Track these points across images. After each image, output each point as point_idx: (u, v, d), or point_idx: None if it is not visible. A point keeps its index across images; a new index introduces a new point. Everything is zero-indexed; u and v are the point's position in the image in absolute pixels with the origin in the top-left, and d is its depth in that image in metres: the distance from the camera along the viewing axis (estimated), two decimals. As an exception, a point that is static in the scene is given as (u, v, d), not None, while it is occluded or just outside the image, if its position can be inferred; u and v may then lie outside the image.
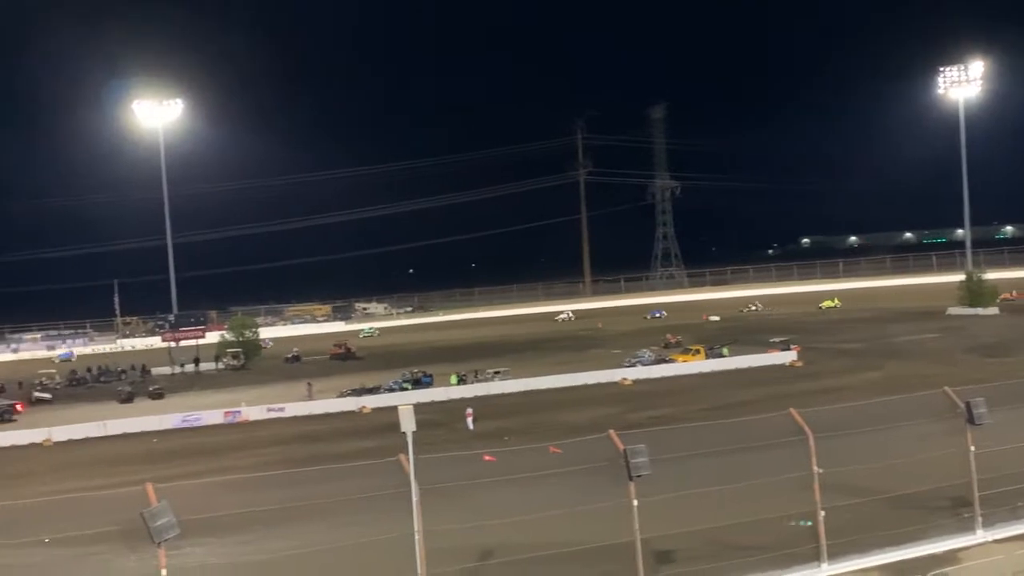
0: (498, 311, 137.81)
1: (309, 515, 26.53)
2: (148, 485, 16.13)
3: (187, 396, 70.22)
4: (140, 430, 55.25)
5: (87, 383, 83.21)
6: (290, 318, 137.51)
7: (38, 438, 53.60)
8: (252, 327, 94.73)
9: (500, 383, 64.43)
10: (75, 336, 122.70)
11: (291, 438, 50.14)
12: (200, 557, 23.06)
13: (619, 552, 18.27)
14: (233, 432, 54.09)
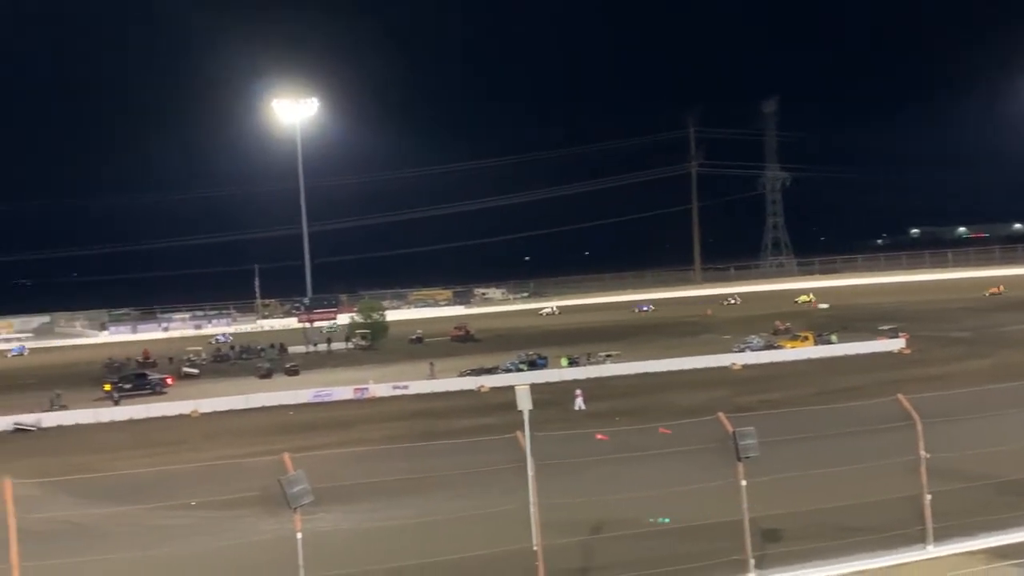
0: (610, 297, 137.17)
1: (432, 486, 26.87)
2: (285, 455, 16.47)
3: (320, 373, 71.65)
4: (277, 404, 56.64)
5: (230, 360, 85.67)
6: (414, 302, 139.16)
7: (186, 410, 55.32)
8: (379, 310, 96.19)
9: (612, 366, 64.15)
10: (219, 316, 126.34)
11: (414, 414, 50.74)
12: (332, 523, 23.50)
13: (726, 530, 17.96)
14: (361, 407, 55.00)
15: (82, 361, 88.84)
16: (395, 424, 47.64)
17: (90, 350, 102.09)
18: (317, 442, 40.67)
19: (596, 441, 31.28)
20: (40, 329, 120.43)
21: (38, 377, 75.90)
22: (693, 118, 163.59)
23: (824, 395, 46.94)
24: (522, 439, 17.36)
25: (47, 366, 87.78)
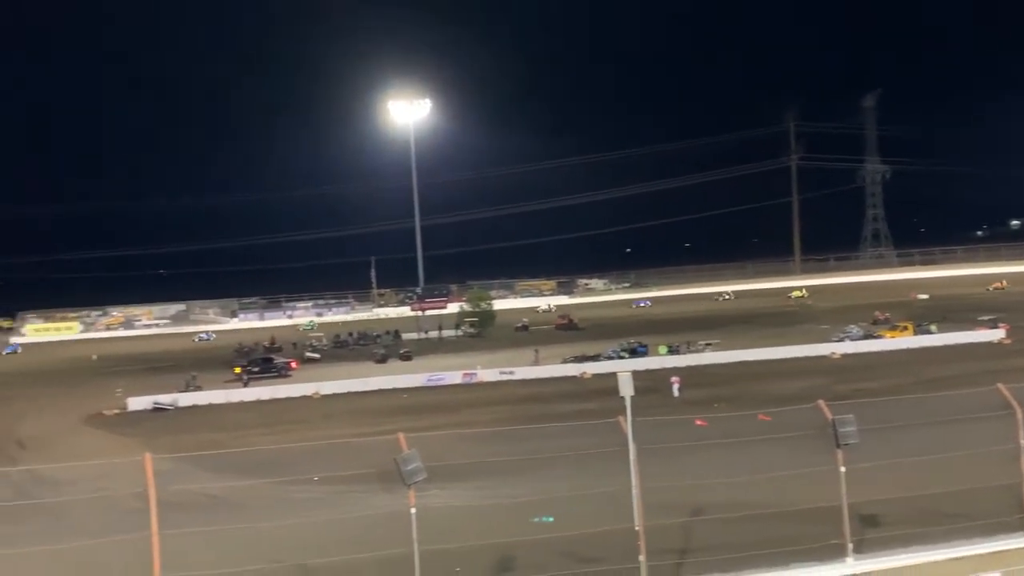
0: (710, 287, 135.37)
1: (537, 467, 26.96)
2: (400, 435, 16.70)
3: (432, 359, 72.54)
4: (392, 387, 57.55)
5: (349, 346, 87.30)
6: (520, 292, 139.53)
7: (309, 391, 56.63)
8: (487, 299, 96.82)
9: (710, 354, 63.42)
10: (339, 305, 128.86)
11: (520, 399, 50.97)
12: (443, 499, 23.78)
13: (825, 515, 17.60)
14: (470, 391, 55.51)
15: (215, 346, 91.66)
16: (502, 408, 47.93)
17: (222, 336, 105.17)
18: (429, 423, 41.22)
19: (696, 427, 30.93)
20: (176, 316, 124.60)
21: (174, 360, 78.59)
22: (793, 113, 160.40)
23: (923, 384, 45.67)
24: (624, 424, 17.28)
25: (183, 351, 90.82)
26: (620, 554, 17.89)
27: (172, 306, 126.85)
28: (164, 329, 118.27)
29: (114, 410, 52.88)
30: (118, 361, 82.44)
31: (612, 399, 19.62)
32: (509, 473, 26.71)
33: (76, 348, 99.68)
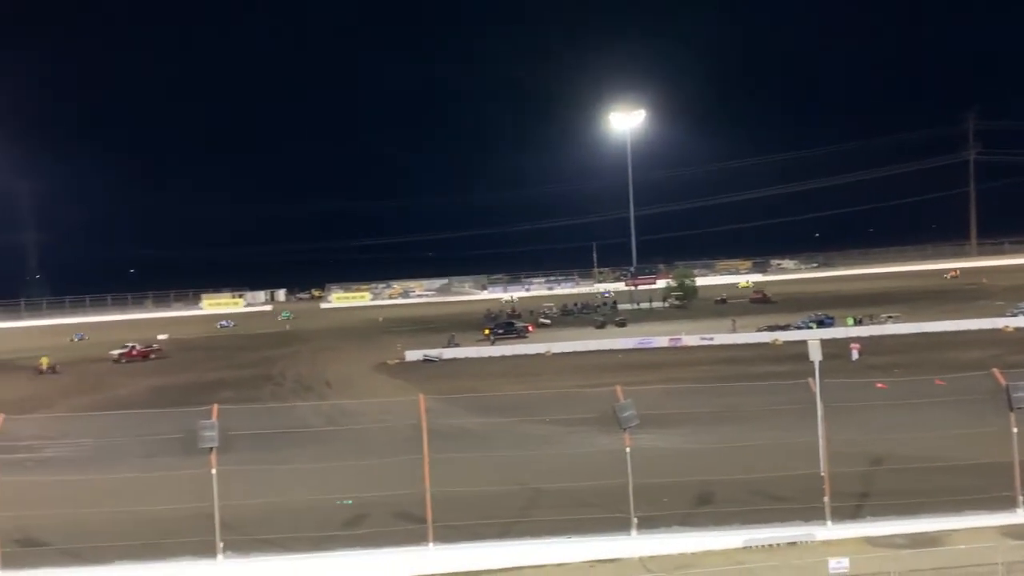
0: (892, 267, 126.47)
1: (732, 419, 26.18)
2: (617, 387, 16.63)
3: (642, 326, 71.95)
4: (609, 348, 57.61)
5: (574, 313, 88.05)
6: (719, 270, 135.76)
7: (542, 350, 57.55)
8: (691, 276, 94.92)
9: (892, 326, 59.28)
10: (566, 280, 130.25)
11: (718, 360, 49.67)
12: (652, 442, 23.53)
13: (995, 470, 16.20)
14: (675, 353, 54.65)
15: (469, 312, 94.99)
16: (702, 368, 46.89)
17: (474, 304, 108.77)
18: (640, 379, 40.88)
19: (876, 389, 29.03)
20: (441, 288, 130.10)
21: (440, 322, 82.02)
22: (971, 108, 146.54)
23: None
24: (813, 384, 16.59)
25: (446, 315, 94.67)
26: (806, 495, 17.22)
27: (438, 281, 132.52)
28: (431, 298, 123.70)
29: (394, 360, 55.72)
30: (398, 322, 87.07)
31: (800, 363, 18.78)
32: (709, 423, 26.10)
33: (367, 312, 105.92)
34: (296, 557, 17.28)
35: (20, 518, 18.57)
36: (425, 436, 17.50)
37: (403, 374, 50.03)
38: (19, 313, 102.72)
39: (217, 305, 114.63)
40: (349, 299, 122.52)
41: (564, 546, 16.87)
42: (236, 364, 57.90)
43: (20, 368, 58.93)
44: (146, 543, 17.32)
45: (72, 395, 46.13)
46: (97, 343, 73.82)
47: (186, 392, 43.90)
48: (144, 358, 62.03)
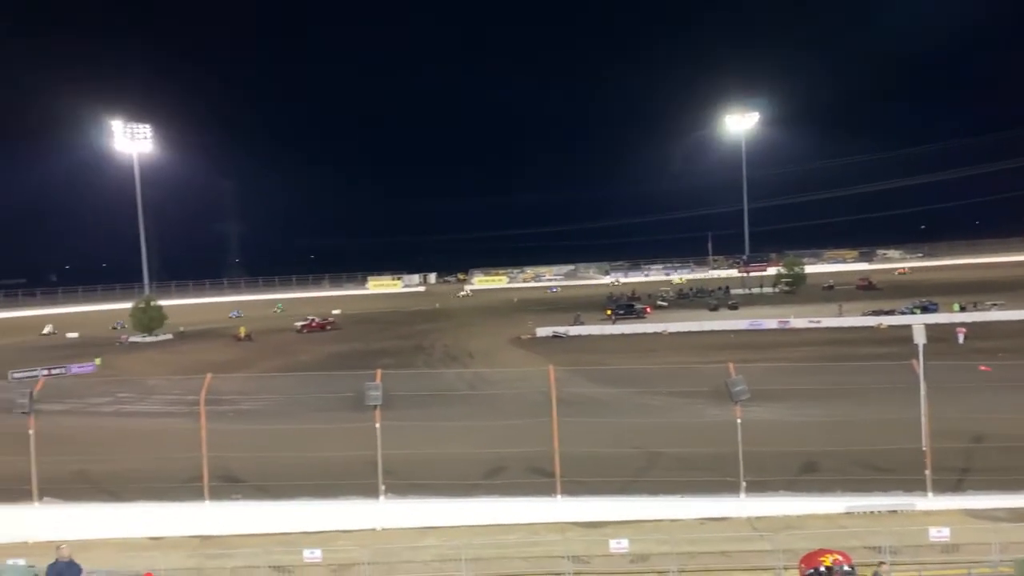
0: (997, 257, 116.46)
1: (837, 396, 24.98)
2: (730, 364, 16.20)
3: (753, 309, 69.58)
4: (721, 329, 56.02)
5: (689, 297, 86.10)
6: (827, 259, 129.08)
7: (659, 329, 56.73)
8: (800, 264, 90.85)
9: (996, 312, 54.77)
10: (682, 267, 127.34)
11: (825, 342, 47.40)
12: (760, 415, 22.83)
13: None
14: (783, 335, 52.56)
15: (592, 295, 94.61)
16: (809, 348, 44.88)
17: (598, 288, 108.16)
18: (750, 357, 39.60)
19: (980, 372, 26.91)
20: (568, 273, 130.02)
21: (567, 303, 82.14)
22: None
23: None
24: (916, 365, 15.61)
25: (572, 297, 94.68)
26: (908, 468, 16.29)
27: (566, 266, 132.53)
28: (560, 282, 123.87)
29: (527, 335, 56.32)
30: (530, 303, 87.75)
31: (904, 346, 17.72)
32: (815, 398, 25.01)
33: (504, 293, 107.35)
34: (444, 500, 17.87)
35: (223, 459, 20.03)
36: (554, 402, 17.66)
37: (534, 348, 50.47)
38: (222, 290, 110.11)
39: (380, 285, 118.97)
40: (488, 282, 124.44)
41: (678, 504, 16.66)
42: (394, 336, 60.04)
43: (223, 336, 63.26)
44: (321, 483, 18.32)
45: (264, 359, 49.12)
46: (285, 316, 78.23)
47: (354, 358, 45.95)
48: (321, 329, 65.29)
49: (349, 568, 15.04)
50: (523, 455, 19.86)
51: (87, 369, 47.14)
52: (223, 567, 15.11)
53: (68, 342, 63.34)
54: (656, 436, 22.24)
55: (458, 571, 14.19)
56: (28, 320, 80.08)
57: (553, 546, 15.41)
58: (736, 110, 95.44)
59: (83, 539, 15.01)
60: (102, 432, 28.19)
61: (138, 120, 79.47)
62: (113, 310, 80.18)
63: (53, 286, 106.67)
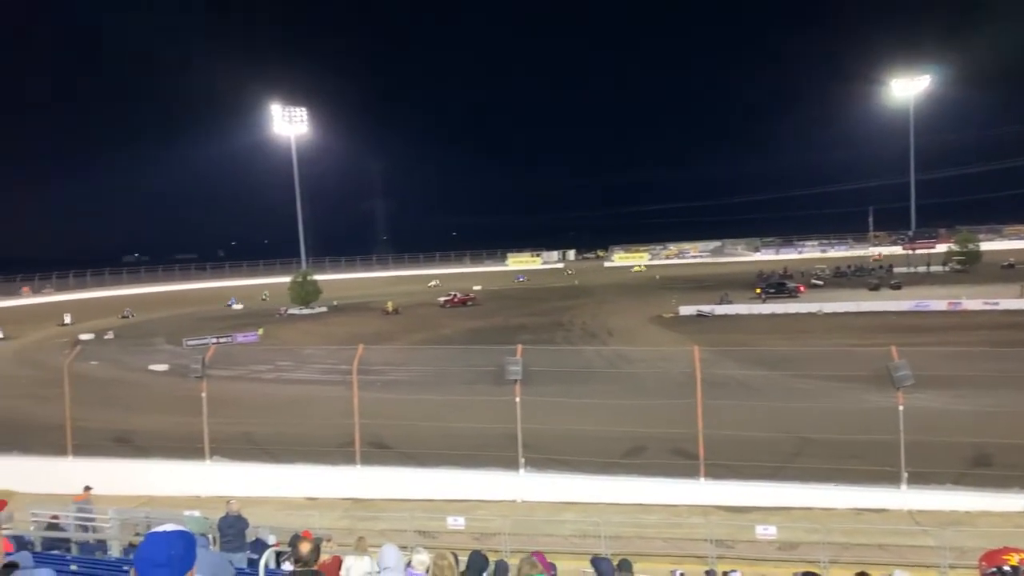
0: None
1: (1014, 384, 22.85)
2: (893, 347, 15.23)
3: (919, 289, 64.63)
4: (882, 310, 52.52)
5: (847, 276, 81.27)
6: (1008, 235, 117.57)
7: (813, 309, 53.99)
8: (974, 241, 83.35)
9: None
10: (840, 244, 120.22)
11: (1002, 325, 43.25)
12: (924, 402, 21.33)
13: None
14: (953, 317, 48.48)
15: (740, 272, 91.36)
16: (983, 332, 41.14)
17: (746, 265, 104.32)
18: (914, 340, 36.89)
19: None
20: (714, 250, 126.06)
21: (713, 281, 79.79)
22: None
23: None
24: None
25: (718, 275, 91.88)
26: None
27: (712, 243, 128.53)
28: (705, 259, 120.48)
29: (669, 314, 55.31)
30: (672, 280, 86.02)
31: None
32: (989, 387, 22.99)
33: (645, 271, 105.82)
34: (583, 476, 18.01)
35: (372, 426, 21.16)
36: (699, 382, 17.30)
37: (676, 327, 49.48)
38: (371, 266, 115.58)
39: (520, 262, 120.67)
40: (629, 259, 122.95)
41: (832, 492, 15.93)
42: (533, 312, 60.75)
43: (372, 309, 66.50)
44: (463, 453, 18.97)
45: (409, 332, 51.22)
46: (435, 291, 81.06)
47: (494, 333, 46.96)
48: (463, 304, 67.20)
49: (490, 537, 15.50)
50: (664, 435, 19.61)
51: (251, 338, 51.05)
52: (372, 529, 16.00)
53: (234, 313, 68.78)
54: (807, 421, 21.27)
55: (597, 547, 14.28)
56: (200, 292, 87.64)
57: (695, 529, 15.19)
58: (903, 73, 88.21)
59: (247, 496, 16.37)
60: (264, 397, 30.52)
61: (295, 104, 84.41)
62: (273, 283, 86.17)
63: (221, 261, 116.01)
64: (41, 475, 20.84)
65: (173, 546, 2.45)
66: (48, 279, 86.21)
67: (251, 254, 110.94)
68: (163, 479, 20.21)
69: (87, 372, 34.85)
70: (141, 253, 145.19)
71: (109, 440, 23.83)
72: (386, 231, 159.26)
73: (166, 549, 2.43)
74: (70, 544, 15.44)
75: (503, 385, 19.01)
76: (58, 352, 42.54)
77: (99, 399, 28.86)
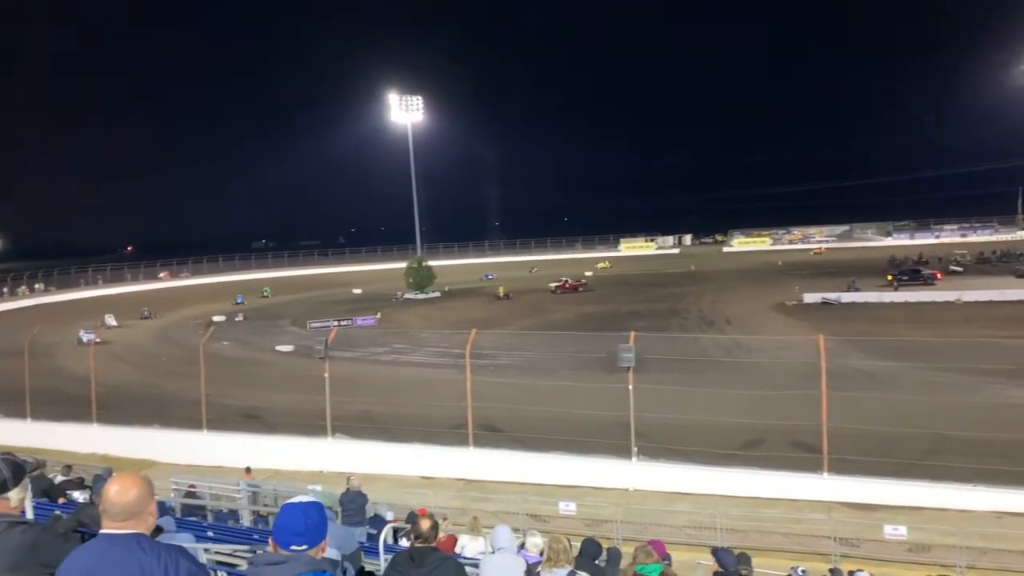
0: None
1: None
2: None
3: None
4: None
5: (991, 262, 75.59)
6: None
7: (951, 298, 50.58)
8: None
9: None
10: (983, 228, 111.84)
11: None
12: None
13: None
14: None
15: (870, 258, 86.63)
16: None
17: (877, 251, 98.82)
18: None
19: None
20: (841, 235, 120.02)
21: (839, 267, 76.09)
22: None
23: None
24: None
25: (845, 260, 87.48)
26: None
27: (839, 227, 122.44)
28: (832, 244, 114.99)
29: (792, 301, 53.26)
30: (796, 266, 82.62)
31: None
32: None
33: (766, 256, 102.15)
34: (698, 467, 17.70)
35: (485, 409, 21.58)
36: (823, 373, 16.64)
37: (800, 315, 47.54)
38: (483, 251, 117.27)
39: (632, 247, 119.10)
40: (749, 244, 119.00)
41: (970, 493, 14.99)
42: (647, 298, 59.93)
43: (484, 295, 67.54)
44: (574, 439, 19.04)
45: (519, 317, 51.70)
46: (540, 276, 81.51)
47: (606, 319, 46.66)
48: (574, 290, 67.12)
49: (601, 524, 15.52)
50: (784, 428, 18.99)
51: (369, 322, 52.99)
52: (484, 509, 16.34)
53: (353, 297, 71.55)
54: (942, 417, 20.01)
55: (712, 539, 14.05)
56: (323, 277, 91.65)
57: (818, 525, 14.66)
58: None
59: (365, 472, 17.05)
60: (381, 378, 31.66)
61: (411, 92, 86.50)
62: (390, 269, 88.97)
63: (341, 247, 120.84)
64: (179, 447, 22.51)
65: (310, 516, 2.58)
66: (185, 264, 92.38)
67: (369, 240, 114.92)
68: (288, 454, 21.37)
69: (220, 352, 37.24)
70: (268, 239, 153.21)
71: (239, 416, 25.43)
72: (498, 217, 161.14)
73: (303, 519, 2.55)
74: (206, 512, 16.63)
75: (615, 372, 18.91)
76: (193, 332, 45.63)
77: (230, 377, 30.80)
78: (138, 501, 2.81)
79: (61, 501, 10.49)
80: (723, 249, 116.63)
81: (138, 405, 26.27)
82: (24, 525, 3.18)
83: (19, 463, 3.37)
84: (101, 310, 58.55)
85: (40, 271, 77.71)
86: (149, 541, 2.79)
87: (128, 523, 2.78)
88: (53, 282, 76.89)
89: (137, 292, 77.13)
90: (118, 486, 2.83)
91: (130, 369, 37.23)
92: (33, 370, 26.15)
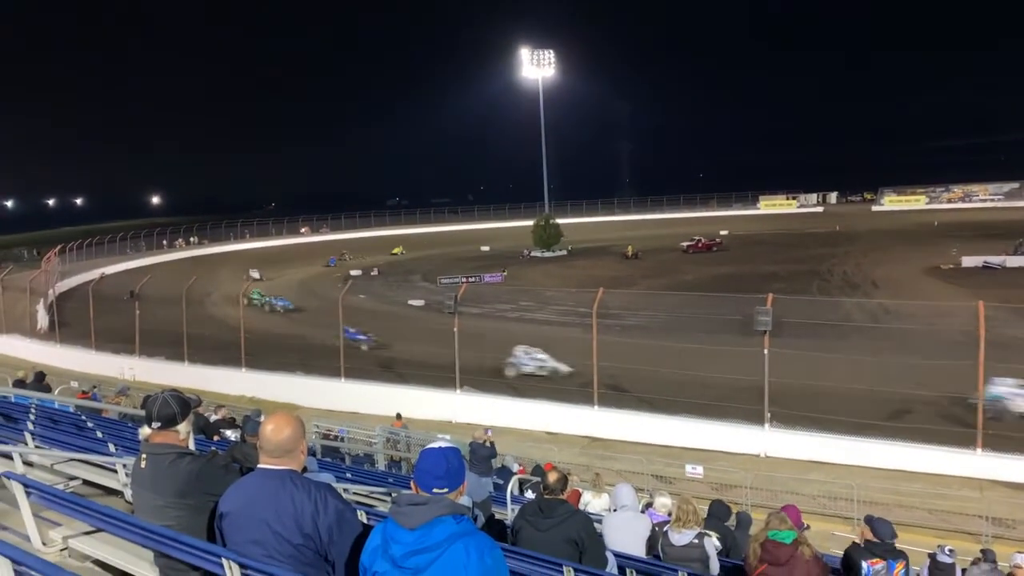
0: None
1: None
2: None
3: None
4: None
5: None
6: None
7: None
8: None
9: None
10: None
11: None
12: None
13: None
14: None
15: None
16: None
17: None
18: None
19: None
20: (1010, 192, 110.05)
21: (1006, 229, 69.94)
22: None
23: None
24: None
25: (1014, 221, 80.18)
26: None
27: (1007, 184, 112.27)
28: (998, 203, 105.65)
29: (949, 265, 49.67)
30: (955, 227, 76.58)
31: None
32: None
33: (920, 216, 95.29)
34: (835, 437, 17.08)
35: (610, 368, 21.61)
36: (982, 343, 15.54)
37: (957, 279, 44.24)
38: (612, 209, 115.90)
39: (772, 206, 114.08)
40: (902, 202, 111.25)
41: None
42: (787, 259, 57.52)
43: (612, 253, 66.97)
44: (703, 403, 18.77)
45: (649, 277, 50.99)
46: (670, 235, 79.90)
47: (742, 281, 45.19)
48: (708, 250, 65.34)
49: (730, 489, 15.33)
50: (934, 399, 17.95)
51: (496, 279, 53.94)
52: (609, 468, 16.50)
53: (481, 254, 72.86)
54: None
55: (849, 512, 13.59)
56: (452, 234, 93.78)
57: (968, 503, 13.87)
58: None
59: (492, 425, 17.54)
60: (507, 334, 32.25)
61: (543, 47, 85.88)
62: (518, 227, 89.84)
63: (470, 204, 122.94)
64: (319, 393, 23.98)
65: (450, 461, 2.71)
66: (324, 220, 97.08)
67: (498, 198, 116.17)
68: (418, 404, 22.31)
69: (357, 304, 39.05)
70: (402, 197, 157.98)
71: (374, 365, 26.73)
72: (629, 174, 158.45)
73: (444, 463, 2.69)
74: (344, 455, 17.72)
75: (750, 335, 18.40)
76: (332, 286, 48.06)
77: (366, 329, 32.31)
78: (291, 439, 3.07)
79: (215, 439, 11.50)
80: (872, 208, 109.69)
81: (282, 353, 28.11)
82: (191, 456, 3.54)
83: (185, 399, 3.73)
84: (247, 263, 62.67)
85: (195, 225, 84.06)
86: (301, 478, 3.04)
87: (283, 460, 3.05)
88: (207, 236, 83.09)
89: (280, 246, 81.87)
90: (274, 424, 3.09)
91: (274, 319, 39.82)
92: (189, 318, 28.46)
